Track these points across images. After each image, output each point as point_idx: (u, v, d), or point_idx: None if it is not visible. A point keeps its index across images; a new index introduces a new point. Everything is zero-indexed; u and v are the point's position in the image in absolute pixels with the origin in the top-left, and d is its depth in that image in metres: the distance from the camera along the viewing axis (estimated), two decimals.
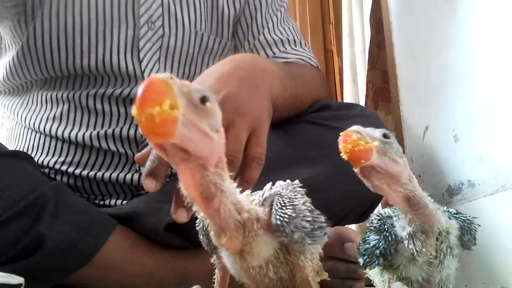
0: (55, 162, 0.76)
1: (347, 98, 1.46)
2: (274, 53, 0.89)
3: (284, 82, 0.70)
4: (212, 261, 0.41)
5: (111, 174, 0.75)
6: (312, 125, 0.77)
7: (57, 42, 0.76)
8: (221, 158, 0.32)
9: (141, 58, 0.78)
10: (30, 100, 0.82)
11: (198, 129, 0.29)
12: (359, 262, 0.46)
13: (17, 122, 0.84)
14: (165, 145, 0.29)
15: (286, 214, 0.34)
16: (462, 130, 0.74)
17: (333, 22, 1.79)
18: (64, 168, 0.76)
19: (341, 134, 0.37)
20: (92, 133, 0.76)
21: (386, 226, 0.43)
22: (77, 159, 0.76)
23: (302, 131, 0.76)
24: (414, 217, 0.40)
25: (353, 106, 0.86)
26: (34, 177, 0.64)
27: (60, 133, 0.77)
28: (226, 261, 0.38)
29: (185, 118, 0.28)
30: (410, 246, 0.41)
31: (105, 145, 0.76)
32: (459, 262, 0.44)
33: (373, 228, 0.45)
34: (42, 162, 0.77)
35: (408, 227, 0.41)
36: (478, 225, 0.45)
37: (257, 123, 0.57)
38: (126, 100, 0.77)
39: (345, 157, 0.37)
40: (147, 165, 0.49)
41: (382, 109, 1.17)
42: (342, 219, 0.75)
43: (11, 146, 0.83)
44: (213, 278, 0.41)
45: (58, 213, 0.60)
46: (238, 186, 0.34)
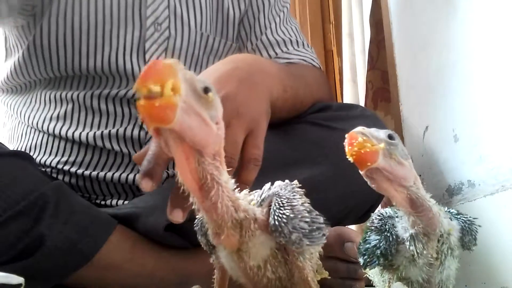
0: (58, 162, 0.76)
1: (347, 98, 1.46)
2: (277, 53, 0.89)
3: (284, 83, 0.70)
4: (211, 261, 0.41)
5: (114, 174, 0.75)
6: (312, 125, 0.76)
7: (63, 42, 0.76)
8: (219, 151, 0.32)
9: (147, 59, 0.78)
10: (34, 99, 0.82)
11: (198, 116, 0.29)
12: (359, 262, 0.46)
13: (19, 121, 0.83)
14: (162, 131, 0.29)
15: (284, 215, 0.34)
16: (462, 130, 0.74)
17: (333, 22, 1.79)
18: (66, 167, 0.76)
19: (346, 136, 0.36)
20: (96, 133, 0.76)
21: (387, 226, 0.43)
22: (80, 159, 0.76)
23: (302, 132, 0.76)
24: (417, 219, 0.40)
25: (353, 107, 0.85)
26: (35, 177, 0.65)
27: (63, 132, 0.77)
28: (224, 261, 0.38)
29: (186, 104, 0.28)
30: (411, 248, 0.41)
31: (108, 145, 0.76)
32: (459, 262, 0.44)
33: (374, 228, 0.45)
34: (45, 161, 0.77)
35: (410, 229, 0.41)
36: (479, 226, 0.45)
37: (254, 124, 0.57)
38: (130, 100, 0.77)
39: (351, 159, 0.37)
40: (143, 165, 0.49)
41: (381, 109, 1.17)
42: (342, 220, 0.75)
43: (13, 146, 0.83)
44: (213, 278, 0.41)
45: (58, 213, 0.60)
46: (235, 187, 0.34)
